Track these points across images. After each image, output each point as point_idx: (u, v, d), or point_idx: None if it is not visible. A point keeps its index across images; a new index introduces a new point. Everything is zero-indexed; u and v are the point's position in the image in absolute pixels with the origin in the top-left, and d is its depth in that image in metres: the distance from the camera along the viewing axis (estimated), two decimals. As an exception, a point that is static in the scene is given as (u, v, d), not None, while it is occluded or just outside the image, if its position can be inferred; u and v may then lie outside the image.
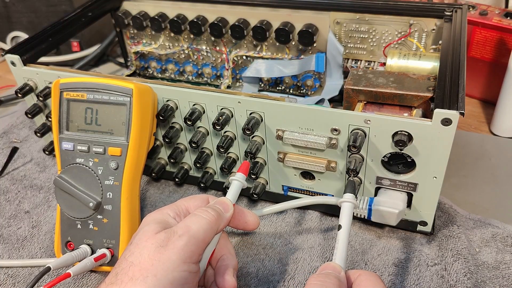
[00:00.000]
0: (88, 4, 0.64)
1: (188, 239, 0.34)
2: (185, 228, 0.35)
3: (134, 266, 0.33)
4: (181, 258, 0.33)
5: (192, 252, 0.34)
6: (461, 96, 0.39)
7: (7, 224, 0.52)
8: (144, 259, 0.33)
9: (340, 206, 0.39)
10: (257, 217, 0.42)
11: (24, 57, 0.53)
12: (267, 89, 0.66)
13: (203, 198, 0.40)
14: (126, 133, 0.44)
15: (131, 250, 0.34)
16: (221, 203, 0.39)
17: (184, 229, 0.35)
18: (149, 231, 0.35)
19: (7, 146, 0.64)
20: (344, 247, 0.35)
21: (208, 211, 0.37)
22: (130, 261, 0.33)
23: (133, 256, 0.34)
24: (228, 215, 0.39)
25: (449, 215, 0.49)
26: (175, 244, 0.34)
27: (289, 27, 0.57)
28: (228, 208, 0.39)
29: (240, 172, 0.42)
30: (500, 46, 0.64)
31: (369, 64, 0.61)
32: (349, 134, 0.42)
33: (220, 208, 0.38)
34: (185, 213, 0.39)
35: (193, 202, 0.39)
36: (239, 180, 0.41)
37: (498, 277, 0.43)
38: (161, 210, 0.38)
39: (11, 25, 0.83)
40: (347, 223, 0.37)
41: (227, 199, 0.40)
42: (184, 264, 0.33)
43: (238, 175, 0.41)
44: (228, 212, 0.39)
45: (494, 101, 0.64)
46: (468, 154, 0.59)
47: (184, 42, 0.66)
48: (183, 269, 0.33)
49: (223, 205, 0.39)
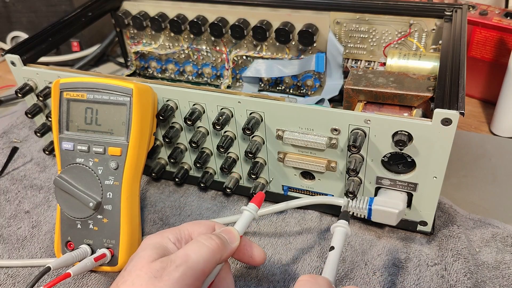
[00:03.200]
0: (88, 4, 0.64)
1: (185, 270, 0.32)
2: (183, 257, 0.32)
3: None
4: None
5: (189, 285, 0.31)
6: (461, 96, 0.39)
7: (7, 224, 0.52)
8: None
9: (333, 232, 0.38)
10: (264, 253, 0.40)
11: (24, 57, 0.53)
12: (267, 89, 0.66)
13: (209, 225, 0.38)
14: (126, 133, 0.44)
15: (124, 277, 0.32)
16: (227, 232, 0.37)
17: (182, 259, 0.32)
18: (144, 258, 0.32)
19: (7, 146, 0.64)
20: (334, 266, 0.35)
21: (212, 238, 0.34)
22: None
23: (125, 285, 0.31)
24: (234, 246, 0.36)
25: (449, 215, 0.49)
26: (170, 276, 0.31)
27: (289, 27, 0.57)
28: (235, 239, 0.36)
29: (253, 203, 0.40)
30: (500, 46, 0.64)
31: (369, 64, 0.61)
32: (349, 134, 0.42)
33: (225, 237, 0.36)
34: (187, 239, 0.36)
35: (198, 228, 0.37)
36: (251, 211, 0.39)
37: (498, 277, 0.43)
38: (162, 233, 0.36)
39: (11, 25, 0.83)
40: (339, 245, 0.36)
41: (234, 229, 0.37)
42: None
43: (251, 205, 0.39)
44: (234, 243, 0.36)
45: (494, 101, 0.64)
46: (468, 154, 0.59)
47: (184, 42, 0.66)
48: None
49: (229, 234, 0.36)
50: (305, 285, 0.32)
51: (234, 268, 0.45)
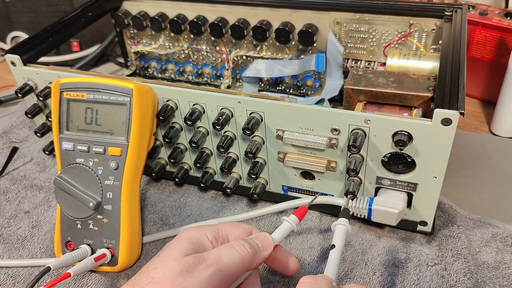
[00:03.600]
0: (88, 4, 0.64)
1: (215, 271, 0.33)
2: (216, 257, 0.33)
3: (154, 283, 0.32)
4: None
5: (216, 287, 0.33)
6: (461, 96, 0.39)
7: (7, 224, 0.52)
8: (166, 279, 0.32)
9: (334, 230, 0.38)
10: (299, 264, 0.41)
11: (24, 57, 0.53)
12: (267, 89, 0.66)
13: (246, 229, 0.39)
14: (126, 133, 0.44)
15: (156, 264, 0.33)
16: (262, 239, 0.37)
17: (215, 259, 0.33)
18: (179, 250, 0.34)
19: (7, 146, 0.64)
20: (336, 264, 0.35)
21: (245, 246, 0.35)
22: (151, 276, 0.32)
23: (155, 272, 0.32)
24: (265, 254, 0.36)
25: (449, 215, 0.49)
26: (200, 273, 0.32)
27: (289, 27, 0.57)
28: (268, 247, 0.37)
29: (294, 215, 0.40)
30: (500, 46, 0.64)
31: (369, 64, 0.61)
32: (349, 134, 0.42)
33: (258, 244, 0.36)
34: (224, 239, 0.37)
35: (235, 231, 0.38)
36: (291, 222, 0.39)
37: (498, 277, 0.43)
38: (201, 228, 0.37)
39: (11, 25, 0.83)
40: (340, 243, 0.37)
41: (269, 237, 0.38)
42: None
43: (292, 217, 0.39)
44: (266, 251, 0.37)
45: (494, 101, 0.64)
46: (468, 154, 0.59)
47: (184, 42, 0.66)
48: None
49: (263, 242, 0.37)
50: (305, 287, 0.32)
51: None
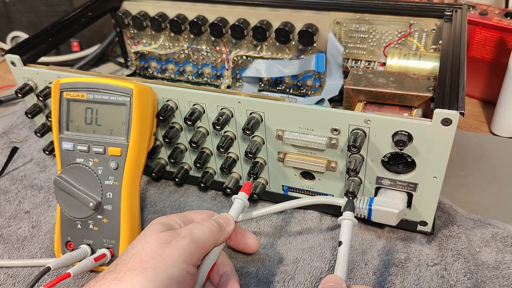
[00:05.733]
0: (88, 4, 0.64)
1: (190, 241, 0.36)
2: (188, 231, 0.37)
3: (135, 258, 0.34)
4: (182, 257, 0.35)
5: (193, 254, 0.36)
6: (461, 96, 0.39)
7: (7, 224, 0.52)
8: (146, 252, 0.34)
9: (340, 223, 0.40)
10: (258, 241, 0.45)
11: (24, 57, 0.53)
12: (267, 89, 0.66)
13: (208, 213, 0.43)
14: (126, 133, 0.44)
15: (134, 244, 0.36)
16: (223, 217, 0.41)
17: (187, 232, 0.37)
18: (154, 229, 0.37)
19: (7, 146, 0.64)
20: (345, 262, 0.37)
21: (210, 221, 0.39)
22: (131, 253, 0.35)
23: (135, 249, 0.35)
24: (229, 229, 0.41)
25: (449, 215, 0.49)
26: (177, 243, 0.35)
27: (289, 27, 0.57)
28: (229, 223, 0.41)
29: (242, 191, 0.43)
30: (500, 46, 0.64)
31: (369, 64, 0.61)
32: (349, 134, 0.42)
33: (221, 221, 0.40)
34: (190, 222, 0.40)
35: (199, 215, 0.42)
36: (241, 199, 0.43)
37: (498, 277, 0.43)
38: (169, 216, 0.40)
39: (11, 25, 0.83)
40: (347, 239, 0.38)
41: (229, 215, 0.42)
42: (183, 263, 0.35)
43: (241, 194, 0.43)
44: (229, 227, 0.41)
45: (494, 101, 0.64)
46: (468, 154, 0.59)
47: (184, 42, 0.66)
48: (182, 267, 0.34)
49: (225, 219, 0.41)
50: None
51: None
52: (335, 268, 0.37)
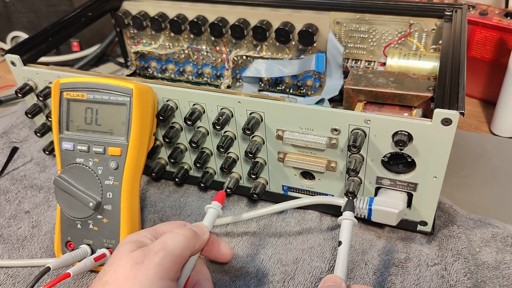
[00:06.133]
0: (88, 4, 0.64)
1: (165, 254, 0.34)
2: (161, 244, 0.34)
3: (108, 284, 0.32)
4: (158, 274, 0.32)
5: (169, 268, 0.33)
6: (461, 96, 0.39)
7: (7, 224, 0.52)
8: (119, 277, 0.32)
9: (340, 223, 0.40)
10: (231, 250, 0.43)
11: (24, 57, 0.53)
12: (267, 89, 0.66)
13: (180, 223, 0.40)
14: (126, 133, 0.44)
15: (105, 269, 0.33)
16: (197, 226, 0.39)
17: (160, 246, 0.34)
18: (124, 250, 0.34)
19: (7, 146, 0.64)
20: (345, 262, 0.37)
21: (184, 228, 0.37)
22: (104, 280, 0.32)
23: (107, 275, 0.32)
24: (205, 237, 0.39)
25: (449, 215, 0.49)
26: (151, 260, 0.33)
27: (289, 27, 0.57)
28: (204, 231, 0.39)
29: (216, 201, 0.43)
30: (500, 46, 0.64)
31: (369, 64, 0.61)
32: (349, 134, 0.42)
33: (196, 230, 0.38)
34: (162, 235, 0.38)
35: (170, 226, 0.39)
36: (215, 208, 0.42)
37: (498, 277, 0.43)
38: (138, 232, 0.38)
39: (11, 25, 0.83)
40: (347, 239, 0.38)
41: (203, 223, 0.40)
42: (161, 280, 0.33)
43: (214, 203, 0.42)
44: (205, 235, 0.39)
45: (494, 101, 0.64)
46: (468, 154, 0.59)
47: (184, 42, 0.66)
48: (160, 285, 0.32)
49: (199, 228, 0.39)
50: None
51: (232, 268, 0.45)
52: (335, 268, 0.37)
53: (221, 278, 0.44)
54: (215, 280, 0.44)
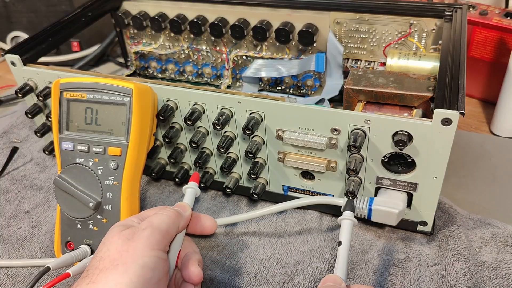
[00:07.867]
0: (88, 4, 0.64)
1: (152, 230, 0.37)
2: (147, 222, 0.38)
3: (104, 259, 0.34)
4: (148, 246, 0.35)
5: (158, 241, 0.36)
6: (461, 96, 0.39)
7: (7, 224, 0.52)
8: (113, 252, 0.35)
9: (340, 223, 0.40)
10: (214, 221, 0.46)
11: (24, 57, 0.53)
12: (267, 89, 0.66)
13: (163, 207, 0.43)
14: (126, 133, 0.44)
15: (99, 249, 0.36)
16: (178, 205, 0.43)
17: (147, 223, 0.37)
18: (115, 231, 0.37)
19: (7, 146, 0.64)
20: (345, 262, 0.37)
21: (167, 209, 0.41)
22: (99, 257, 0.35)
23: (101, 252, 0.35)
24: (187, 214, 0.42)
25: (449, 215, 0.49)
26: (140, 235, 0.36)
27: (289, 27, 0.57)
28: (186, 209, 0.43)
29: (192, 181, 0.46)
30: (500, 46, 0.64)
31: (369, 64, 0.61)
32: (349, 134, 0.42)
33: (178, 208, 0.42)
34: None
35: (155, 210, 0.41)
36: (192, 187, 0.46)
37: (498, 277, 0.43)
38: (126, 218, 0.41)
39: (11, 25, 0.83)
40: (347, 239, 0.38)
41: (184, 202, 0.44)
42: (152, 250, 0.35)
43: (191, 183, 0.46)
44: (187, 212, 0.42)
45: (494, 101, 0.64)
46: (468, 154, 0.59)
47: (184, 42, 0.66)
48: (152, 254, 0.35)
49: (180, 206, 0.42)
50: None
51: (232, 268, 0.45)
52: (335, 268, 0.37)
53: (221, 278, 0.44)
54: (215, 280, 0.44)
